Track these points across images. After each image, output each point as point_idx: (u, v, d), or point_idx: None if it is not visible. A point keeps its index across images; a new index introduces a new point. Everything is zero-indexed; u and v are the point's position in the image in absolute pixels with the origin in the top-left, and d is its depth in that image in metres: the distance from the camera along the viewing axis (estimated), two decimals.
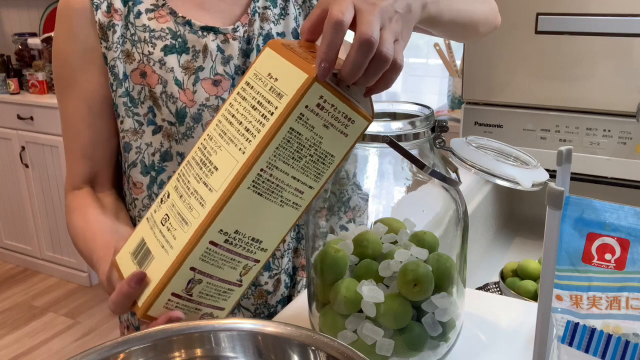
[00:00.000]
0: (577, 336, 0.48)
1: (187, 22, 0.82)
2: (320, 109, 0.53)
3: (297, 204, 0.57)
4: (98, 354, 0.59)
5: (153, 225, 0.60)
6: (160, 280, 0.56)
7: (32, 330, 2.72)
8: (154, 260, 0.58)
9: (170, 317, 0.56)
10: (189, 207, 0.56)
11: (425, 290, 0.64)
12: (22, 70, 3.07)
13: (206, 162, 0.57)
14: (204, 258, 0.55)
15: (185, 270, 0.55)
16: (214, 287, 0.57)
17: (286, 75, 0.54)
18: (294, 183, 0.55)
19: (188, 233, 0.55)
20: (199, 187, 0.56)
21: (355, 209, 0.76)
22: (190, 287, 0.56)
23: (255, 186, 0.54)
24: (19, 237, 3.21)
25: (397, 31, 0.56)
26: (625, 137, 1.28)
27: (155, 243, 0.59)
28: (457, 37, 0.89)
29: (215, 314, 0.59)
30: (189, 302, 0.57)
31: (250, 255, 0.57)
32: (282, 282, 0.91)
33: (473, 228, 1.25)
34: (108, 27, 0.82)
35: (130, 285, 0.57)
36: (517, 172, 0.63)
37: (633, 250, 0.45)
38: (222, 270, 0.57)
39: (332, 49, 0.52)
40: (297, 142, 0.54)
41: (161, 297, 0.56)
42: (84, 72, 0.84)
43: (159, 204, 0.61)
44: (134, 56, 0.82)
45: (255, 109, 0.55)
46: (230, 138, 0.56)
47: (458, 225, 0.67)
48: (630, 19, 1.21)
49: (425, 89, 2.59)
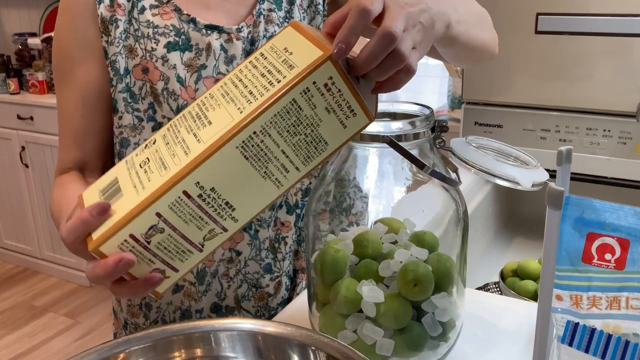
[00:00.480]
0: (577, 336, 0.48)
1: (191, 20, 0.82)
2: (327, 90, 0.53)
3: (279, 182, 0.55)
4: (98, 354, 0.59)
5: (131, 167, 0.58)
6: (122, 217, 0.53)
7: (32, 330, 2.72)
8: (122, 197, 0.55)
9: (122, 258, 0.52)
10: (173, 154, 0.55)
11: (425, 290, 0.64)
12: (22, 70, 3.07)
13: (201, 116, 0.56)
14: (172, 207, 0.53)
15: (151, 214, 0.53)
16: (174, 242, 0.55)
17: (302, 50, 0.54)
18: (282, 158, 0.54)
19: (164, 177, 0.53)
20: (188, 137, 0.55)
21: (358, 214, 0.76)
22: (150, 233, 0.54)
23: (244, 147, 0.53)
24: (19, 237, 3.21)
25: (417, 40, 0.57)
26: (625, 137, 1.28)
27: (128, 183, 0.56)
28: (462, 61, 0.90)
29: (167, 274, 0.56)
30: (145, 250, 0.54)
31: (220, 219, 0.55)
32: (283, 285, 0.91)
33: (473, 228, 1.25)
34: (110, 22, 0.81)
35: (91, 214, 0.54)
36: (517, 172, 0.63)
37: (633, 250, 0.45)
38: (187, 227, 0.54)
39: (353, 32, 0.53)
40: (296, 116, 0.53)
41: (119, 235, 0.53)
42: (82, 64, 0.84)
43: (143, 148, 0.59)
44: (136, 52, 0.82)
45: (264, 76, 0.55)
46: (232, 98, 0.55)
47: (458, 225, 0.67)
48: (630, 19, 1.21)
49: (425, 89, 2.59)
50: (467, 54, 0.82)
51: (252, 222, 0.86)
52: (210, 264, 0.86)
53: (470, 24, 0.75)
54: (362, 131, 0.57)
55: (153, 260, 0.55)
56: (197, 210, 0.54)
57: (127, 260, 0.53)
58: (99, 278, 0.53)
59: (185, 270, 0.57)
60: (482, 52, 0.84)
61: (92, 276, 0.54)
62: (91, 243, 0.54)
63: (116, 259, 0.52)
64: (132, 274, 0.55)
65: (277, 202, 0.64)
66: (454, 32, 0.68)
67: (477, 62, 0.90)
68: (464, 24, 0.71)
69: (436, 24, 0.61)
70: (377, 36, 0.53)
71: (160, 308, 0.90)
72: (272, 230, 0.88)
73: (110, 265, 0.52)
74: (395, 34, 0.52)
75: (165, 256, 0.55)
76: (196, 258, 0.57)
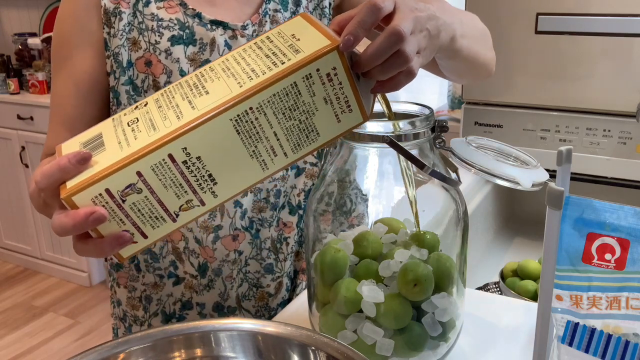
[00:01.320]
0: (577, 336, 0.48)
1: (196, 15, 0.82)
2: (329, 80, 0.53)
3: (265, 164, 0.55)
4: (98, 354, 0.59)
5: (118, 124, 0.57)
6: (101, 170, 0.52)
7: (32, 330, 2.72)
8: (104, 152, 0.54)
9: (95, 211, 0.50)
10: (164, 117, 0.54)
11: (425, 290, 0.64)
12: (22, 70, 3.07)
13: (199, 86, 0.56)
14: (155, 168, 0.52)
15: (131, 172, 0.52)
16: (149, 205, 0.53)
17: (310, 38, 0.54)
18: (272, 140, 0.54)
19: (152, 137, 0.52)
20: (182, 103, 0.55)
21: (358, 214, 0.76)
22: (127, 192, 0.52)
23: (238, 122, 0.52)
24: (19, 237, 3.21)
25: (422, 46, 0.58)
26: (625, 137, 1.28)
27: (112, 138, 0.55)
28: (461, 76, 0.91)
29: (135, 239, 0.55)
30: (119, 208, 0.53)
31: (200, 191, 0.54)
32: (283, 285, 0.91)
33: (473, 228, 1.25)
34: (113, 14, 0.81)
35: (70, 161, 0.51)
36: (517, 172, 0.63)
37: (633, 250, 0.45)
38: (166, 192, 0.53)
39: (362, 26, 0.53)
40: (294, 101, 0.53)
41: (94, 187, 0.51)
42: (79, 52, 0.83)
43: (132, 109, 0.58)
44: (140, 44, 0.82)
45: (268, 57, 0.55)
46: (233, 73, 0.55)
47: (458, 225, 0.67)
48: (630, 19, 1.21)
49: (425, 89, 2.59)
50: (467, 69, 0.83)
51: (251, 220, 0.86)
52: (212, 260, 0.86)
53: (473, 40, 0.76)
54: (353, 130, 0.57)
55: (124, 221, 0.53)
56: (179, 177, 0.53)
57: (99, 214, 0.51)
58: (65, 228, 0.51)
59: (154, 238, 0.55)
60: (481, 68, 0.85)
61: (58, 225, 0.51)
62: (64, 190, 0.52)
63: (88, 211, 0.50)
64: (100, 232, 0.53)
65: (257, 185, 0.63)
66: (457, 46, 0.69)
67: (474, 78, 0.91)
68: (468, 39, 0.72)
69: (441, 34, 0.62)
70: (385, 33, 0.53)
71: (161, 300, 0.90)
72: (274, 231, 0.88)
73: (81, 216, 0.50)
74: (403, 33, 0.53)
75: (138, 219, 0.54)
76: (168, 227, 0.55)
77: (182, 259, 0.87)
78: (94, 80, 0.84)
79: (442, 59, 0.77)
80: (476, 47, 0.78)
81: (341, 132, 0.56)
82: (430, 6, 0.60)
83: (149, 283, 0.90)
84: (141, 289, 0.91)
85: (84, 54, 0.83)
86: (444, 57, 0.75)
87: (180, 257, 0.87)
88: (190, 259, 0.86)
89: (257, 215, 0.86)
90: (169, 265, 0.88)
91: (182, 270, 0.87)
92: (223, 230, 0.85)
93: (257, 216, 0.87)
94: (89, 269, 3.02)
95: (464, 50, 0.72)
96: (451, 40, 0.66)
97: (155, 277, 0.89)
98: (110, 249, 0.53)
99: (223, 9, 0.85)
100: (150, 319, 0.92)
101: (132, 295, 0.92)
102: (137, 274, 0.90)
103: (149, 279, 0.89)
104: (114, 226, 0.53)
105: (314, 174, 0.90)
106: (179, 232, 0.85)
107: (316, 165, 0.90)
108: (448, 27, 0.63)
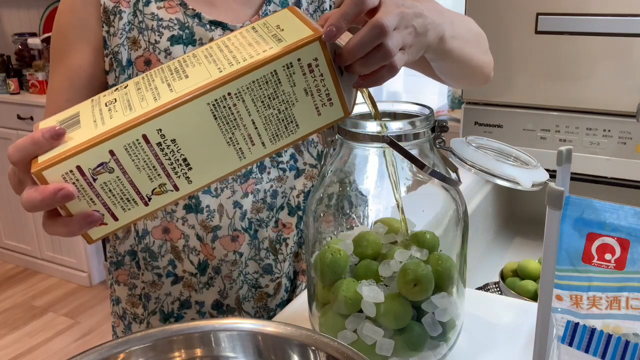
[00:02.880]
0: (577, 336, 0.48)
1: (196, 15, 0.83)
2: (310, 70, 0.53)
3: (242, 153, 0.55)
4: (98, 354, 0.59)
5: (96, 104, 0.56)
6: (74, 146, 0.51)
7: (32, 330, 2.72)
8: (79, 129, 0.53)
9: (63, 187, 0.50)
10: (142, 98, 0.54)
11: (425, 290, 0.64)
12: (22, 70, 3.07)
13: (180, 70, 0.56)
14: (128, 148, 0.51)
15: (104, 150, 0.51)
16: (121, 186, 0.53)
17: (293, 29, 0.54)
18: (250, 128, 0.54)
19: (127, 117, 0.52)
20: (161, 86, 0.54)
21: (358, 214, 0.76)
22: (99, 170, 0.51)
23: (215, 106, 0.52)
24: (19, 237, 3.21)
25: (407, 42, 0.58)
26: (625, 137, 1.28)
27: (89, 117, 0.54)
28: (457, 79, 0.90)
29: (105, 220, 0.54)
30: (89, 187, 0.52)
31: (173, 175, 0.54)
32: (282, 286, 0.91)
33: (473, 228, 1.25)
34: (112, 12, 0.81)
35: (44, 135, 0.51)
36: (517, 172, 0.63)
37: (633, 250, 0.45)
38: (138, 174, 0.53)
39: (345, 18, 0.53)
40: (274, 89, 0.53)
41: (65, 163, 0.51)
42: (76, 48, 0.83)
43: (112, 91, 0.58)
44: (139, 43, 0.82)
45: (251, 45, 0.55)
46: (215, 60, 0.55)
47: (458, 225, 0.67)
48: (630, 19, 1.21)
49: (425, 89, 2.59)
50: (462, 72, 0.83)
51: (250, 221, 0.86)
52: (212, 257, 0.86)
53: (465, 41, 0.75)
54: (334, 124, 0.57)
55: (95, 201, 0.53)
56: (153, 159, 0.52)
57: (67, 191, 0.50)
58: (34, 203, 0.50)
59: (125, 221, 0.55)
60: (475, 72, 0.84)
61: (27, 200, 0.51)
62: (35, 165, 0.51)
63: (57, 187, 0.50)
64: (69, 210, 0.52)
65: (233, 175, 0.62)
66: (447, 46, 0.69)
67: (471, 82, 0.90)
68: (459, 40, 0.72)
69: (429, 33, 0.62)
70: (367, 26, 0.53)
71: (159, 299, 0.90)
72: (272, 231, 0.88)
73: (50, 191, 0.50)
74: (386, 26, 0.53)
75: (109, 200, 0.53)
76: (139, 211, 0.55)
77: (181, 257, 0.87)
78: (89, 76, 0.84)
79: (433, 60, 0.77)
80: (469, 49, 0.77)
81: (321, 126, 0.56)
82: (419, 4, 0.60)
83: (148, 281, 0.90)
84: (141, 287, 0.91)
85: (81, 49, 0.83)
86: (434, 58, 0.74)
87: (180, 256, 0.87)
88: (190, 257, 0.86)
89: (256, 215, 0.87)
90: (168, 265, 0.88)
91: (180, 269, 0.87)
92: (222, 231, 0.85)
93: (256, 217, 0.87)
94: (89, 269, 3.02)
95: (454, 51, 0.72)
96: (440, 41, 0.66)
97: (154, 276, 0.89)
98: (79, 228, 0.52)
99: (223, 10, 0.85)
100: (149, 317, 0.92)
101: (132, 293, 0.92)
102: (137, 271, 0.91)
103: (147, 278, 0.89)
104: (83, 205, 0.52)
105: (313, 176, 0.90)
106: (178, 230, 0.85)
107: (315, 167, 0.90)
108: (436, 26, 0.63)
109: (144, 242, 0.87)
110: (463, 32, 0.75)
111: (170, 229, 0.86)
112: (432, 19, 0.61)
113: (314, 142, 0.89)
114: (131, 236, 0.89)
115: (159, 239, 0.87)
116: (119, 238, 0.91)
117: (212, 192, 0.84)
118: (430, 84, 2.54)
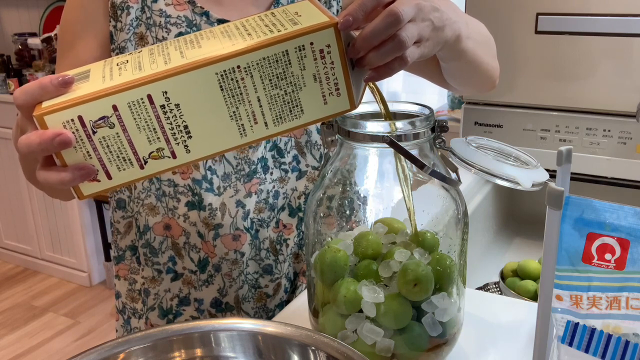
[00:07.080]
0: (577, 336, 0.48)
1: (204, 13, 0.83)
2: (321, 56, 0.53)
3: (244, 130, 0.55)
4: (98, 354, 0.59)
5: (108, 64, 0.57)
6: (79, 96, 0.52)
7: (32, 330, 2.72)
8: (87, 82, 0.54)
9: (62, 133, 0.50)
10: (153, 61, 0.54)
11: (425, 290, 0.64)
12: (22, 70, 3.08)
13: (194, 42, 0.56)
14: (131, 105, 0.52)
15: (107, 104, 0.51)
16: (119, 143, 0.53)
17: (311, 15, 0.55)
18: (255, 105, 0.54)
19: (135, 76, 0.52)
20: (174, 53, 0.55)
21: (358, 214, 0.76)
22: (99, 124, 0.52)
23: (223, 77, 0.52)
24: (19, 237, 3.21)
25: (423, 35, 0.58)
26: (625, 137, 1.28)
27: (98, 74, 0.55)
28: (464, 82, 0.90)
29: (99, 177, 0.54)
30: (88, 139, 0.52)
31: (172, 141, 0.54)
32: (282, 287, 0.91)
33: (473, 228, 1.25)
34: (120, 7, 0.81)
35: (52, 82, 0.52)
36: (517, 172, 0.63)
37: (633, 250, 0.45)
38: (138, 134, 0.53)
39: (362, 9, 0.53)
40: (283, 69, 0.53)
41: (68, 111, 0.51)
42: (82, 41, 0.83)
43: (126, 55, 0.58)
44: (147, 39, 0.82)
45: (267, 27, 0.55)
46: (230, 35, 0.55)
47: (458, 225, 0.67)
48: (630, 19, 1.21)
49: (426, 89, 2.59)
50: (470, 75, 0.83)
51: (252, 221, 0.86)
52: (212, 255, 0.86)
53: (478, 44, 0.75)
54: (340, 116, 0.57)
55: (91, 155, 0.53)
56: (154, 120, 0.53)
57: (65, 137, 0.50)
58: (31, 146, 0.50)
59: (118, 181, 0.55)
60: (483, 76, 0.84)
61: (25, 143, 0.51)
62: (38, 109, 0.52)
63: (55, 132, 0.50)
64: (64, 160, 0.52)
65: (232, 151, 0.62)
66: (463, 46, 0.68)
67: (477, 86, 0.90)
68: (473, 42, 0.72)
69: (446, 29, 0.61)
70: (382, 14, 0.53)
71: (158, 295, 0.90)
72: (273, 232, 0.88)
73: (48, 136, 0.50)
74: (401, 16, 0.53)
75: (105, 156, 0.53)
76: (134, 173, 0.55)
77: (181, 254, 0.87)
78: None
79: (445, 60, 0.77)
80: (480, 52, 0.77)
81: (326, 115, 0.56)
82: (437, 0, 0.59)
83: (148, 277, 0.90)
84: (140, 282, 0.91)
85: (87, 43, 0.83)
86: (448, 57, 0.74)
87: (180, 252, 0.87)
88: (190, 254, 0.87)
89: (257, 215, 0.87)
90: (168, 261, 0.88)
91: (180, 266, 0.88)
92: (223, 229, 0.85)
93: (257, 217, 0.87)
94: (89, 269, 3.02)
95: (469, 52, 0.72)
96: (457, 39, 0.65)
97: (154, 272, 0.89)
98: (71, 179, 0.52)
99: (231, 8, 0.85)
100: (147, 313, 0.92)
101: (132, 288, 0.93)
102: (137, 266, 0.91)
103: (147, 273, 0.90)
104: (79, 157, 0.53)
105: (315, 178, 0.90)
106: (179, 227, 0.85)
107: (317, 169, 0.90)
108: (454, 23, 0.63)
109: (145, 237, 0.87)
110: (477, 34, 0.75)
111: (172, 226, 0.86)
112: (449, 16, 0.61)
113: (317, 145, 0.89)
114: (132, 231, 0.90)
115: (160, 235, 0.87)
116: (121, 233, 0.91)
117: (215, 190, 0.84)
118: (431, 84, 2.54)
